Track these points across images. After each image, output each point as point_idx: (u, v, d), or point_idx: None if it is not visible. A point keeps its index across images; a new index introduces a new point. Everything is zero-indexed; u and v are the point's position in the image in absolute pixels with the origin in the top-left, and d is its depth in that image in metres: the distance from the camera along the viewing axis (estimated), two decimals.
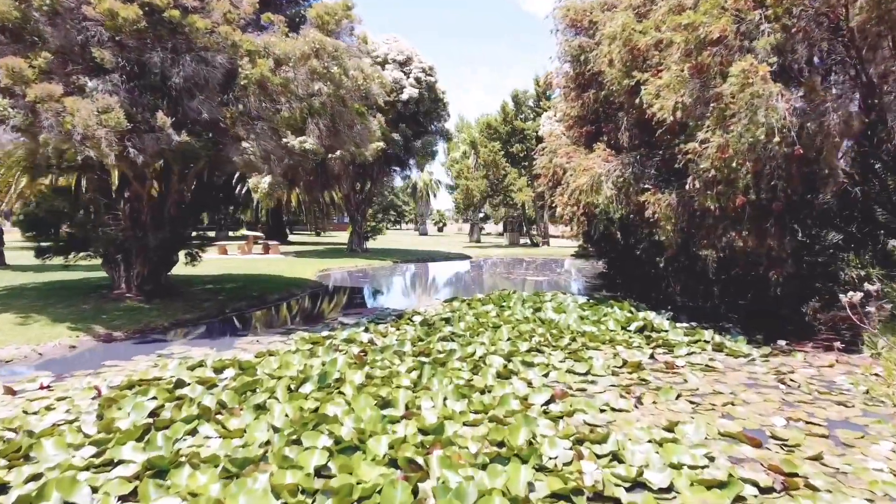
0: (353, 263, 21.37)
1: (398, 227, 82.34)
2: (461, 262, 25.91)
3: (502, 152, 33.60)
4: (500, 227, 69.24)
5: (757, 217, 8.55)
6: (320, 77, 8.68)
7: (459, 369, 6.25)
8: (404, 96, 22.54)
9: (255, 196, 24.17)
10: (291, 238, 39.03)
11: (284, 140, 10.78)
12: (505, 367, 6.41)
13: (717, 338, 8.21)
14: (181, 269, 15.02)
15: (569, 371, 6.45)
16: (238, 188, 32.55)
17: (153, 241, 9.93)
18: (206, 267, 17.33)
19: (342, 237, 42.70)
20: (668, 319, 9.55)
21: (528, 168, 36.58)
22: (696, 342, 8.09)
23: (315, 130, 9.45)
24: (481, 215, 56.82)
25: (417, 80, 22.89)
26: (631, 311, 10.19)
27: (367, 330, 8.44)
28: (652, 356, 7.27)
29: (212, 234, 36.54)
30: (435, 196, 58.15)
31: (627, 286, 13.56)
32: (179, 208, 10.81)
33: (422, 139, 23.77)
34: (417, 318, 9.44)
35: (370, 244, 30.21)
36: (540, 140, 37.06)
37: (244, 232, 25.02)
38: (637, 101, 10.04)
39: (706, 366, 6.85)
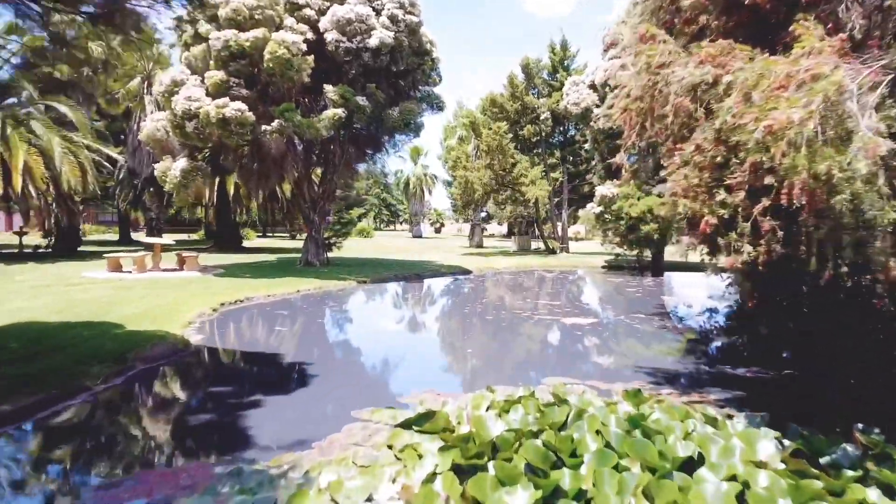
0: (294, 287, 14.39)
1: (392, 228, 75.35)
2: (456, 280, 18.85)
3: (510, 136, 26.57)
4: (504, 228, 62.16)
5: None
6: None
7: None
8: (373, 41, 15.52)
9: (166, 187, 17.21)
10: (249, 243, 32.06)
11: None
12: None
13: None
14: None
15: None
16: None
17: None
18: (35, 299, 10.25)
19: None
20: None
21: (543, 155, 29.53)
22: None
23: None
24: (483, 214, 49.80)
25: (392, 18, 15.86)
26: None
27: None
28: None
29: (144, 237, 29.52)
30: (430, 193, 51.11)
31: (805, 370, 6.47)
32: None
33: (400, 106, 16.74)
34: None
35: (337, 253, 23.22)
36: (558, 120, 29.90)
37: (152, 240, 17.88)
38: None
39: None
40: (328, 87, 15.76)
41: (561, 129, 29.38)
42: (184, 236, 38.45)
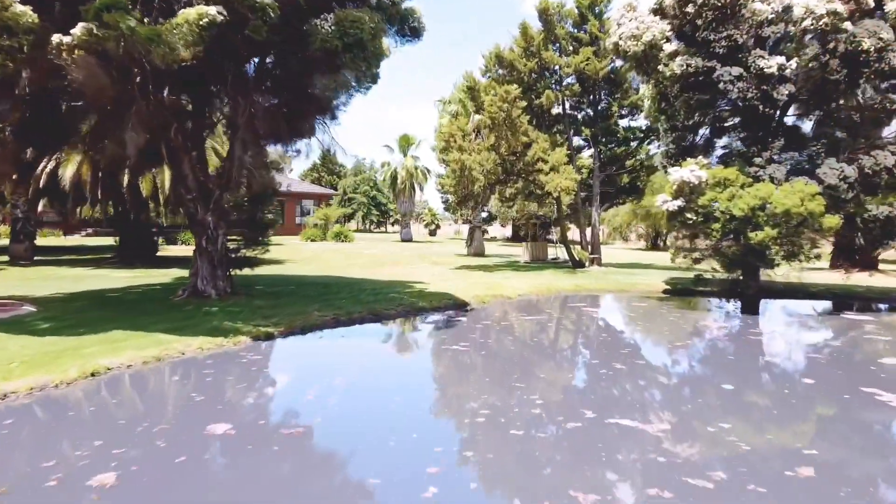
0: (106, 356, 6.82)
1: (382, 229, 67.74)
2: (438, 328, 11.25)
3: (524, 104, 18.97)
4: (508, 230, 54.55)
5: None
6: None
7: None
8: None
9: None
10: (181, 251, 24.46)
11: None
12: None
13: None
14: None
15: None
16: None
17: None
18: None
19: (279, 248, 28.00)
20: None
21: (566, 133, 21.88)
22: None
23: None
24: (484, 215, 42.17)
25: None
26: None
27: None
28: None
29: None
30: (422, 189, 43.47)
31: None
32: None
33: (336, 14, 9.15)
34: None
35: (265, 270, 15.72)
36: (587, 87, 21.72)
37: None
38: None
39: None
40: None
41: (590, 97, 21.78)
42: (109, 241, 30.82)
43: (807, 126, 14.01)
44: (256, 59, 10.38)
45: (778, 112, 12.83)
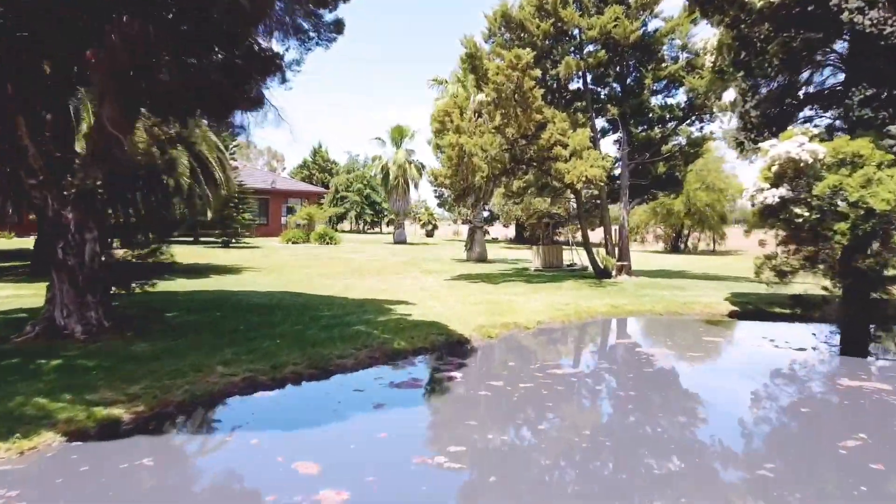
0: None
1: (377, 230, 63.70)
2: (406, 424, 7.22)
3: (537, 73, 14.93)
4: (511, 230, 50.54)
5: None
6: None
7: None
8: None
9: None
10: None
11: None
12: None
13: None
14: None
15: None
16: None
17: None
18: None
19: (251, 251, 23.98)
20: None
21: (588, 111, 17.79)
22: None
23: None
24: (486, 214, 38.13)
25: None
26: None
27: None
28: None
29: None
30: (416, 186, 39.35)
31: None
32: None
33: None
34: None
35: (182, 283, 11.81)
36: (614, 56, 16.68)
37: None
38: None
39: None
40: None
41: (617, 69, 17.77)
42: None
43: None
44: None
45: None
